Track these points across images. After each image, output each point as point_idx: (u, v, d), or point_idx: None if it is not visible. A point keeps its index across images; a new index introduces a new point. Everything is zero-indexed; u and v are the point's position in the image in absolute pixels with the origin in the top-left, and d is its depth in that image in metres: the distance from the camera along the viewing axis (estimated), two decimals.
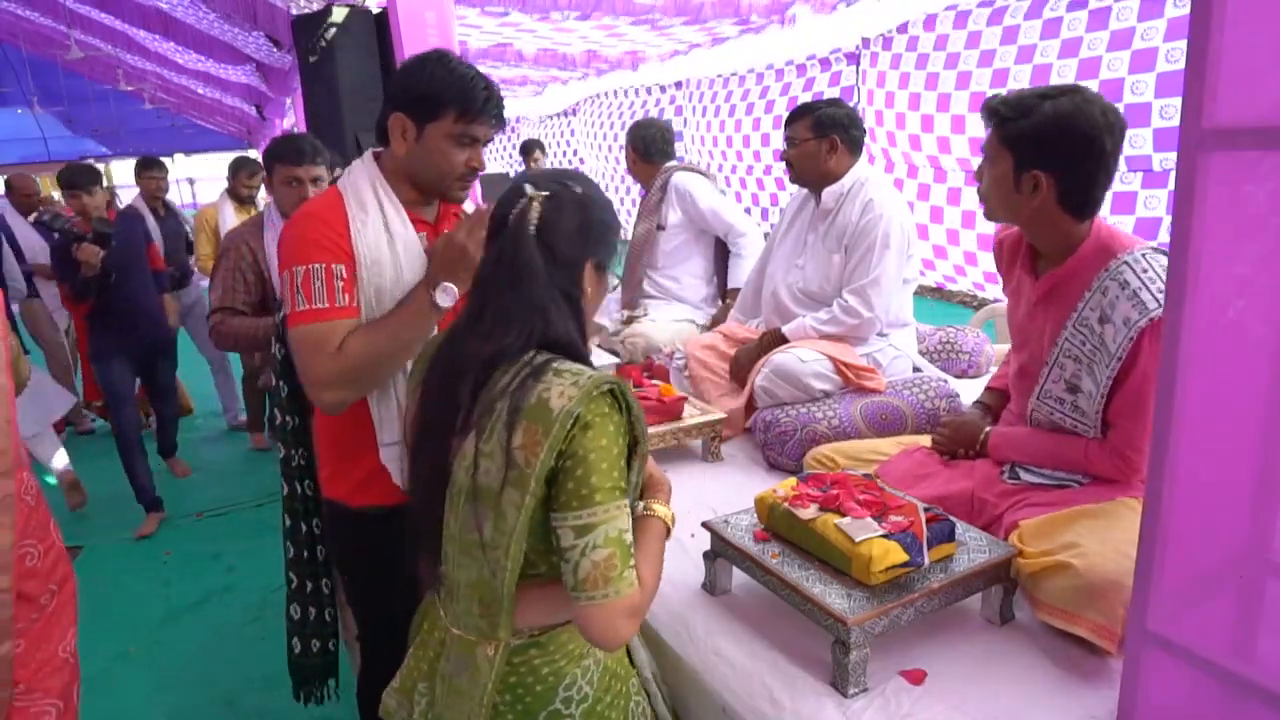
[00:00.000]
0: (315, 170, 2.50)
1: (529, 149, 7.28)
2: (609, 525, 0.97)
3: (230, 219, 4.37)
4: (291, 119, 8.12)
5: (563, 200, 1.09)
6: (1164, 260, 1.41)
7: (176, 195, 12.70)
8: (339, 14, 3.98)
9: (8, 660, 1.52)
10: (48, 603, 1.66)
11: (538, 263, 1.06)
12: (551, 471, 0.98)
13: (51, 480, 3.94)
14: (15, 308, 5.06)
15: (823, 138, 2.39)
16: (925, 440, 1.87)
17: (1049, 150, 1.43)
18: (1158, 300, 1.36)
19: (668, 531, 1.16)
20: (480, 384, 1.04)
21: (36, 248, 4.87)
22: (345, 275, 1.38)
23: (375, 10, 4.08)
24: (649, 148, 3.26)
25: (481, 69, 1.45)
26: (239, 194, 4.48)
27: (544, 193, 1.08)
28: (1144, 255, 1.44)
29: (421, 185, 1.48)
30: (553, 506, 0.99)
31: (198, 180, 15.29)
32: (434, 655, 1.15)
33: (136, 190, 4.90)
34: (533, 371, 1.01)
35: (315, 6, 4.32)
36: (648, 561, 1.07)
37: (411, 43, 3.77)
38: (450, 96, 1.39)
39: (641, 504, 1.14)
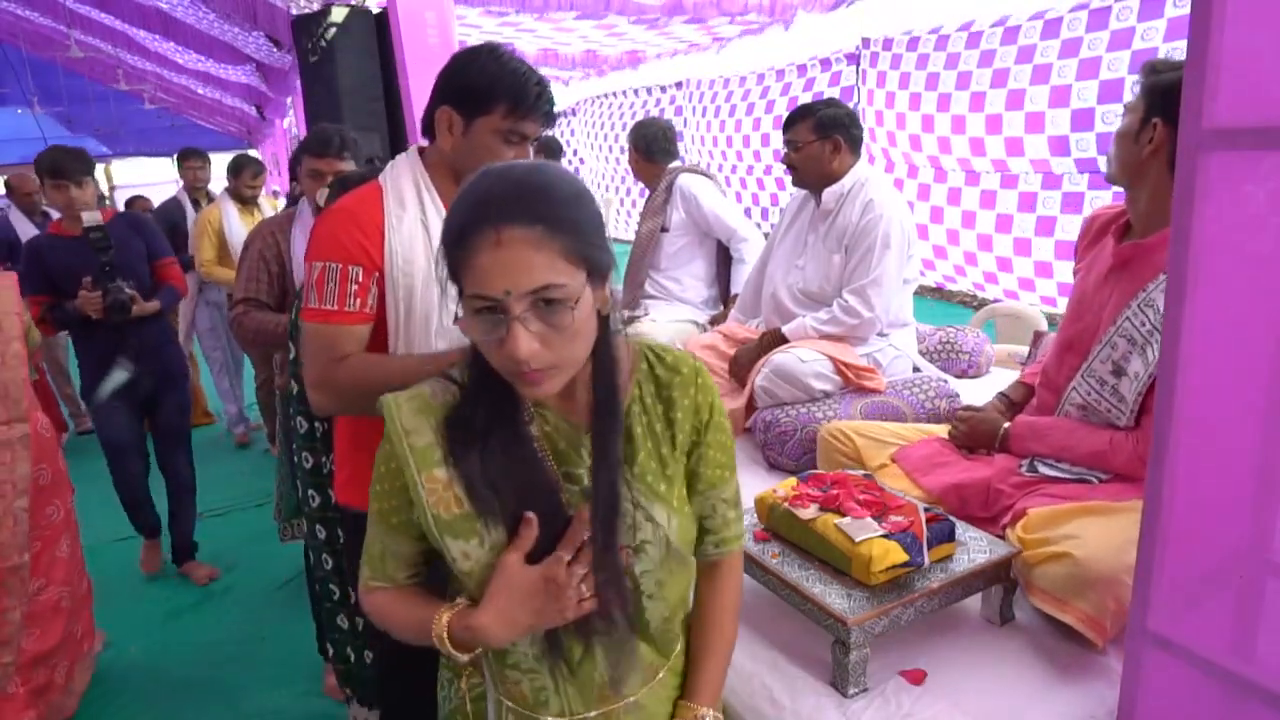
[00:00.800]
0: (339, 164, 2.41)
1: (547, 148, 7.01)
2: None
3: (235, 220, 4.26)
4: (291, 119, 8.13)
5: None
6: None
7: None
8: (339, 14, 3.99)
9: (25, 568, 2.09)
10: (54, 514, 2.28)
11: None
12: None
13: None
14: None
15: (825, 139, 2.39)
16: (941, 430, 1.86)
17: (1173, 103, 1.39)
18: None
19: (432, 635, 0.92)
20: None
21: None
22: (361, 279, 1.32)
23: (375, 10, 4.09)
24: (651, 147, 3.26)
25: None
26: (241, 195, 4.36)
27: None
28: None
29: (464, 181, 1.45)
30: None
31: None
32: None
33: (96, 191, 4.88)
34: None
35: (315, 6, 4.32)
36: (394, 611, 0.98)
37: (411, 43, 3.78)
38: (501, 90, 1.33)
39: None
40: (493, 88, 1.32)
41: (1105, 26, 5.04)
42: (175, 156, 4.88)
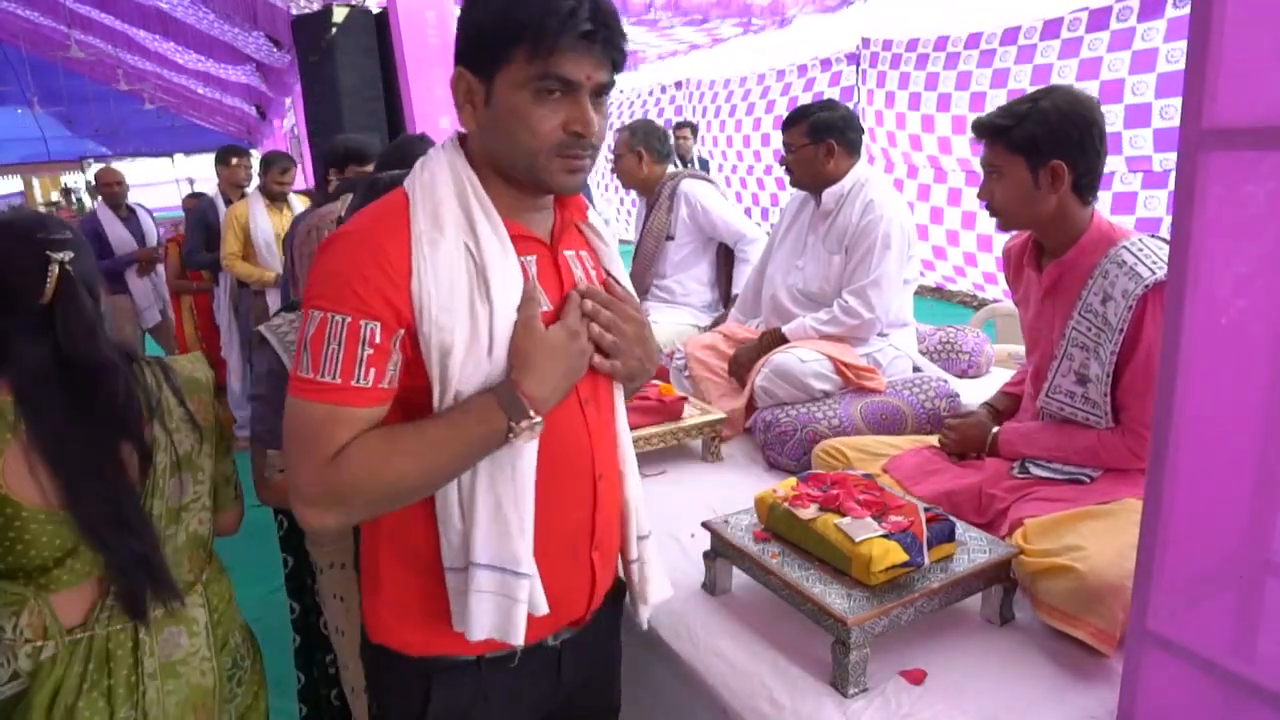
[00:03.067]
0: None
1: (681, 125, 6.75)
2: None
3: (261, 217, 4.13)
4: (291, 119, 8.13)
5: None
6: (1159, 243, 1.49)
7: (176, 195, 12.67)
8: (339, 14, 3.99)
9: None
10: None
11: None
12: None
13: None
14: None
15: (819, 143, 2.39)
16: (933, 441, 1.87)
17: (1062, 139, 1.52)
18: (1152, 270, 1.43)
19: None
20: (129, 390, 1.17)
21: (125, 242, 4.84)
22: (379, 340, 0.92)
23: (375, 10, 4.09)
24: (661, 149, 3.22)
25: None
26: (270, 191, 4.21)
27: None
28: (1140, 239, 1.52)
29: (510, 174, 0.98)
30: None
31: (198, 181, 15.39)
32: (126, 677, 1.16)
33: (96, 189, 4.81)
34: (154, 365, 1.24)
35: (315, 6, 4.33)
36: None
37: (411, 43, 3.78)
38: (516, 21, 0.89)
39: None
40: (504, 22, 0.90)
41: (1105, 27, 5.04)
42: (216, 155, 4.81)
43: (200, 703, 1.23)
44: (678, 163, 6.20)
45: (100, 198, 5.05)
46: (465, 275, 0.94)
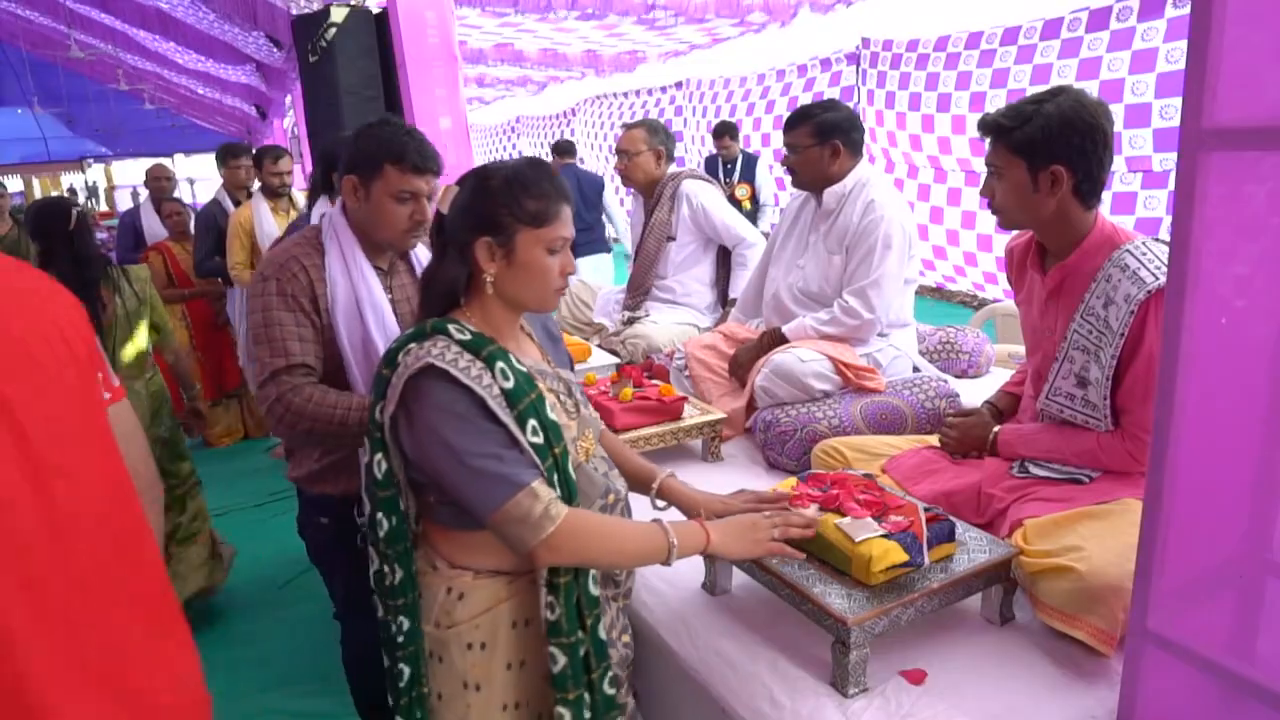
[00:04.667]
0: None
1: (720, 132, 6.64)
2: None
3: (267, 220, 3.93)
4: (291, 119, 8.12)
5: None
6: (1162, 248, 1.48)
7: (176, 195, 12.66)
8: (339, 14, 3.98)
9: None
10: None
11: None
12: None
13: None
14: None
15: (824, 143, 2.38)
16: (933, 441, 1.88)
17: (1063, 144, 1.51)
18: (1155, 275, 1.43)
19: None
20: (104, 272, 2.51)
21: (159, 237, 4.81)
22: None
23: (375, 10, 4.09)
24: (671, 150, 3.21)
25: (481, 69, 1.29)
26: (270, 186, 4.04)
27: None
28: (1143, 243, 1.51)
29: None
30: None
31: (198, 180, 15.39)
32: None
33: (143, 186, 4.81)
34: (116, 267, 2.70)
35: (315, 6, 4.32)
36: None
37: (411, 43, 3.78)
38: None
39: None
40: None
41: (1105, 27, 5.04)
42: (216, 154, 4.73)
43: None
44: (721, 166, 6.24)
45: (149, 192, 5.05)
46: None
